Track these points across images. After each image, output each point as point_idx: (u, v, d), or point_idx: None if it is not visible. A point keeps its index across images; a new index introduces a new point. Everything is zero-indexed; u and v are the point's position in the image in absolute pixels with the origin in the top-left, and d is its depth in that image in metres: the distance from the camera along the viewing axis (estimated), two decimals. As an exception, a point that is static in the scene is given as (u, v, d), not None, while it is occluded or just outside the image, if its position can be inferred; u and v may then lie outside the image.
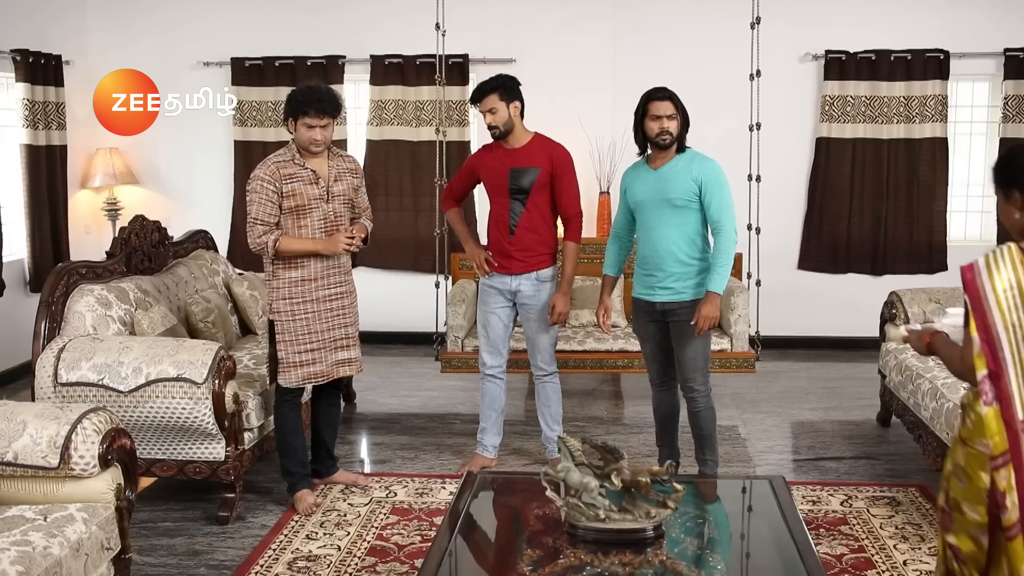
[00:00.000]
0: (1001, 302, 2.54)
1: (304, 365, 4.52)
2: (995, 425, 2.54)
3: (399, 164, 7.77)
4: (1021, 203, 2.64)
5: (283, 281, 4.47)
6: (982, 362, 2.54)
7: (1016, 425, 2.52)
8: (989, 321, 2.54)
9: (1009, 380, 2.53)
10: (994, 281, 2.55)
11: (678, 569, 2.95)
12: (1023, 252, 2.58)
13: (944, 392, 4.61)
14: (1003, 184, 2.70)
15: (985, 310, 2.54)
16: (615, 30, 7.58)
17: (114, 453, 3.36)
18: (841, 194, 7.55)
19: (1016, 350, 2.53)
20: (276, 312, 4.48)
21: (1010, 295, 2.54)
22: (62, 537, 3.04)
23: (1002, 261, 2.57)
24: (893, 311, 5.66)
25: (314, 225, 4.44)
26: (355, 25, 7.69)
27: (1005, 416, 2.53)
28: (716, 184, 4.47)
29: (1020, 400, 2.52)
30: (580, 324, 6.29)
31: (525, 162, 4.78)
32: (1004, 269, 2.56)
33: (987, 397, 2.54)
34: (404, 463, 5.32)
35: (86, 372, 4.32)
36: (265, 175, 4.38)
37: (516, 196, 4.80)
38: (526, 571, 2.94)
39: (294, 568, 4.02)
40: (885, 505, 4.62)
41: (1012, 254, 2.59)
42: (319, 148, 4.43)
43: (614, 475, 3.07)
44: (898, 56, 7.32)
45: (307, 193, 4.41)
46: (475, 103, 4.79)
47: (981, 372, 2.54)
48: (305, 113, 4.34)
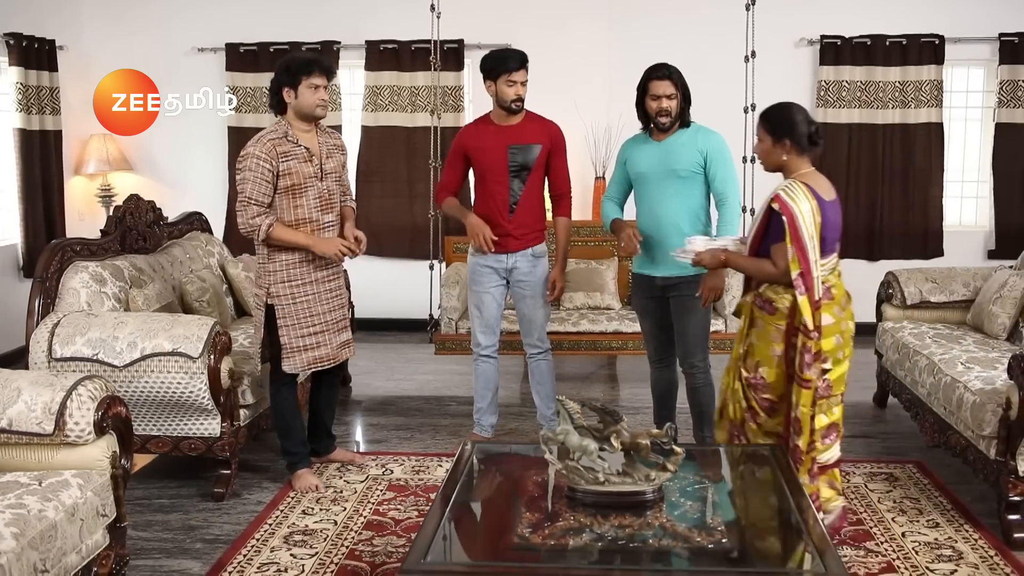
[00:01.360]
0: (806, 221, 3.54)
1: (309, 349, 4.44)
2: (808, 307, 3.58)
3: (394, 150, 7.74)
4: (788, 148, 3.67)
5: (280, 264, 4.35)
6: (796, 265, 3.56)
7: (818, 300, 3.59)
8: (801, 235, 3.53)
9: (813, 275, 3.56)
10: (800, 206, 3.55)
11: (678, 531, 2.93)
12: (805, 186, 3.61)
13: (941, 368, 4.60)
14: (773, 132, 3.69)
15: (798, 227, 3.53)
16: (611, 15, 7.57)
17: (109, 421, 3.33)
18: (837, 179, 7.47)
19: (814, 255, 3.56)
20: (275, 296, 4.37)
21: (808, 217, 3.54)
22: (57, 501, 3.01)
23: (797, 193, 3.58)
24: (890, 291, 5.66)
25: (310, 204, 4.36)
26: (350, 11, 7.67)
27: (811, 300, 3.57)
28: (721, 156, 4.46)
29: (816, 289, 3.58)
30: (574, 306, 6.29)
31: (524, 139, 4.74)
32: (801, 199, 3.56)
33: (801, 289, 3.57)
34: (400, 443, 5.30)
35: (80, 347, 4.30)
36: (261, 152, 4.22)
37: (516, 174, 4.76)
38: (525, 533, 2.92)
39: (290, 542, 4.00)
40: (883, 481, 4.61)
41: (801, 187, 3.60)
42: (324, 112, 4.36)
43: (613, 437, 3.06)
44: (893, 41, 7.33)
45: (302, 171, 4.31)
46: (512, 71, 4.60)
47: (796, 272, 3.56)
48: (311, 73, 4.25)
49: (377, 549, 3.91)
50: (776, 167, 3.76)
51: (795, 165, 3.70)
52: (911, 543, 3.93)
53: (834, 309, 3.68)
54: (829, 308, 3.67)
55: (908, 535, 4.00)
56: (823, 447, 3.74)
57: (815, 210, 3.58)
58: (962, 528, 4.07)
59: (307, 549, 3.92)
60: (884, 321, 5.66)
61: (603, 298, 6.31)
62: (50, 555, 2.91)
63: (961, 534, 4.01)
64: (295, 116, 4.35)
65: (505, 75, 4.62)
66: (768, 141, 3.72)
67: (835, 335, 3.69)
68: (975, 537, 3.98)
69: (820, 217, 3.59)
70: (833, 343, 3.69)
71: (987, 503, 4.25)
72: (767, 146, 3.73)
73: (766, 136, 3.73)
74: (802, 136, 3.67)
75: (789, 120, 3.68)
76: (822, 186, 3.70)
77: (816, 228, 3.57)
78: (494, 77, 4.67)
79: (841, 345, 3.73)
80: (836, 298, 3.71)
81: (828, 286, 3.68)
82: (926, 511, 4.24)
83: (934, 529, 4.06)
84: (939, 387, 4.56)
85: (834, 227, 3.72)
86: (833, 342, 3.69)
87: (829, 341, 3.67)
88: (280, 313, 4.38)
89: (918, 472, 4.71)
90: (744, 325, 3.85)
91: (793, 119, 3.68)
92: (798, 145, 3.67)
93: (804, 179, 3.66)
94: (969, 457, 4.27)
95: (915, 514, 4.22)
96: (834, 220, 3.71)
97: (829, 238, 3.67)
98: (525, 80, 4.67)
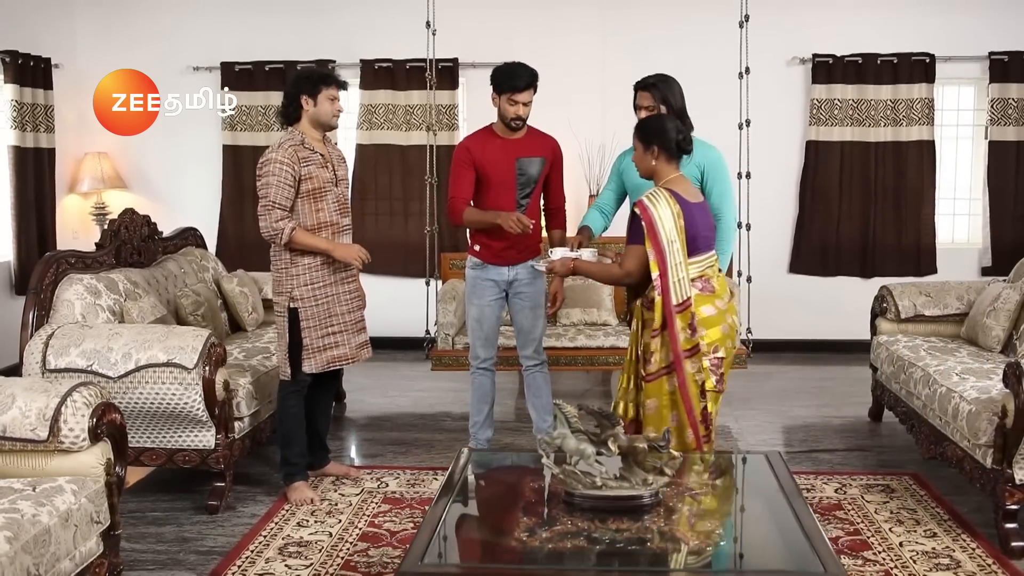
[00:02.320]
0: (665, 226, 3.77)
1: (327, 349, 4.52)
2: (660, 309, 3.81)
3: (389, 168, 7.76)
4: (656, 154, 3.91)
5: (303, 267, 4.43)
6: (655, 267, 3.79)
7: (670, 307, 3.81)
8: (660, 239, 3.78)
9: (668, 278, 3.78)
10: (660, 212, 3.78)
11: (677, 535, 2.91)
12: (670, 192, 3.84)
13: (936, 378, 4.61)
14: (643, 140, 3.94)
15: (657, 231, 3.77)
16: (604, 34, 7.62)
17: (104, 428, 3.31)
18: (830, 197, 7.59)
19: (672, 258, 3.79)
20: (298, 300, 4.43)
21: (668, 222, 3.77)
22: (51, 506, 2.99)
23: (659, 199, 3.82)
24: (884, 305, 5.68)
25: (330, 208, 4.47)
26: (345, 29, 7.71)
27: (664, 301, 3.80)
28: (718, 171, 4.45)
29: (673, 291, 3.79)
30: (571, 322, 6.28)
31: (529, 152, 4.75)
32: (662, 205, 3.80)
33: (659, 290, 3.81)
34: (395, 458, 5.28)
35: (75, 358, 4.28)
36: (283, 158, 4.32)
37: (524, 186, 4.77)
38: (522, 537, 2.91)
39: (285, 553, 3.97)
40: (879, 492, 4.60)
41: (664, 194, 3.83)
42: (338, 123, 4.55)
43: (611, 441, 3.05)
44: (884, 60, 7.39)
45: (321, 176, 4.43)
46: (518, 91, 4.57)
47: (656, 274, 3.80)
48: (329, 84, 4.41)
49: (373, 560, 3.89)
50: (648, 173, 4.00)
51: (664, 171, 3.93)
52: (909, 552, 3.92)
53: (716, 301, 3.92)
54: (711, 300, 3.90)
55: (905, 545, 3.99)
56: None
57: (677, 214, 3.80)
58: (959, 538, 4.06)
59: (302, 560, 3.89)
60: (879, 335, 5.67)
61: (600, 314, 6.31)
62: (44, 560, 2.88)
63: (959, 543, 4.00)
64: (310, 125, 4.45)
65: (509, 93, 4.61)
66: (640, 148, 3.97)
67: (720, 324, 3.91)
68: (972, 546, 3.97)
69: (683, 221, 3.81)
70: (720, 332, 3.91)
71: (984, 514, 4.25)
72: (639, 153, 3.98)
73: (639, 144, 3.98)
74: (671, 143, 3.90)
75: (659, 128, 3.93)
76: (689, 191, 3.95)
77: (680, 231, 3.80)
78: (499, 92, 4.67)
79: (726, 336, 3.94)
80: (717, 291, 3.95)
81: (707, 279, 3.92)
82: (923, 521, 4.23)
83: (931, 539, 4.05)
84: (934, 398, 4.56)
85: (704, 226, 3.96)
86: (720, 331, 3.91)
87: (716, 331, 3.89)
88: (303, 315, 4.45)
89: (914, 484, 4.70)
90: (636, 328, 4.02)
91: (663, 127, 3.94)
92: (666, 151, 3.91)
93: (670, 184, 3.90)
94: (965, 467, 4.27)
95: (912, 524, 4.21)
96: (702, 220, 3.95)
97: (702, 236, 3.91)
98: (529, 101, 4.63)
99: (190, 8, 7.81)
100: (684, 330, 3.82)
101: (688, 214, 3.85)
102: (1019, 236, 7.41)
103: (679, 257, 3.81)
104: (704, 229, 3.96)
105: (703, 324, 3.86)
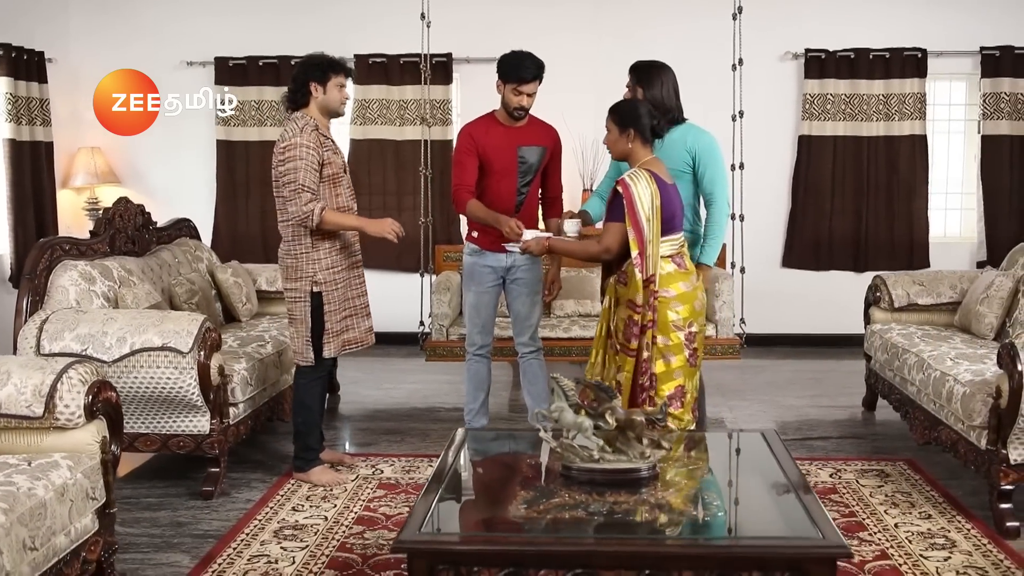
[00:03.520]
0: (644, 205, 3.91)
1: (341, 333, 4.54)
2: (639, 284, 3.91)
3: (383, 163, 7.76)
4: (632, 137, 4.02)
5: (324, 251, 4.44)
6: (635, 245, 3.92)
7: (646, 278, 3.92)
8: (639, 217, 3.90)
9: (647, 255, 3.91)
10: (640, 191, 3.91)
11: (674, 507, 2.92)
12: (648, 172, 3.96)
13: (931, 363, 4.63)
14: (620, 124, 4.05)
15: (637, 209, 3.90)
16: (598, 28, 7.64)
17: (100, 405, 3.31)
18: (823, 191, 7.61)
19: (650, 237, 3.92)
20: (322, 283, 4.43)
21: (647, 201, 3.91)
22: (47, 480, 2.98)
23: (640, 179, 3.94)
24: (877, 294, 5.69)
25: (345, 194, 4.52)
26: (339, 25, 7.71)
27: (644, 278, 3.91)
28: (710, 156, 4.48)
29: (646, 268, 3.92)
30: (565, 314, 6.29)
31: (531, 140, 4.77)
32: (641, 184, 3.92)
33: (639, 267, 3.91)
34: (390, 446, 5.27)
35: (69, 342, 4.26)
36: (308, 142, 4.31)
37: (525, 174, 4.78)
38: (520, 508, 2.90)
39: (280, 536, 3.96)
40: (874, 477, 4.61)
41: (644, 174, 3.95)
42: (344, 110, 4.57)
43: (608, 414, 3.05)
44: (877, 55, 7.42)
45: (336, 162, 4.47)
46: (526, 82, 4.58)
47: (635, 252, 3.92)
48: (338, 72, 4.42)
49: (368, 542, 3.88)
50: (622, 155, 4.14)
51: (639, 154, 4.06)
52: (904, 533, 3.92)
53: (691, 278, 4.11)
54: (686, 276, 4.08)
55: (901, 526, 4.00)
56: (675, 412, 3.98)
57: (655, 194, 3.94)
58: (954, 519, 4.07)
59: (297, 543, 3.89)
60: (872, 324, 5.68)
61: (594, 305, 6.32)
62: (39, 533, 2.87)
63: (954, 524, 4.01)
64: (319, 112, 4.45)
65: (515, 83, 4.61)
66: (615, 131, 4.09)
67: (694, 300, 4.08)
68: (968, 527, 3.98)
69: (660, 201, 3.95)
70: (695, 308, 4.08)
71: (978, 496, 4.26)
72: (614, 136, 4.10)
73: (614, 127, 4.10)
74: (646, 128, 4.03)
75: (635, 113, 4.06)
76: (664, 172, 4.07)
77: (656, 211, 3.93)
78: (505, 81, 4.67)
79: (699, 312, 4.12)
80: (689, 268, 4.13)
81: (682, 256, 4.11)
82: (918, 504, 4.24)
83: (926, 520, 4.06)
84: (928, 382, 4.57)
85: (680, 207, 4.13)
86: (695, 307, 4.08)
87: (690, 306, 4.05)
88: (327, 299, 4.46)
89: (909, 469, 4.72)
90: (609, 304, 4.14)
91: (638, 111, 4.06)
92: (642, 135, 4.03)
93: (647, 166, 4.02)
94: (960, 450, 4.28)
95: (907, 507, 4.22)
96: (678, 201, 4.12)
97: (678, 216, 4.10)
98: (534, 92, 4.65)
99: (184, 3, 7.81)
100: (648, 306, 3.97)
101: (665, 194, 3.99)
102: (1013, 230, 7.43)
103: (653, 235, 3.95)
104: (680, 209, 4.12)
105: (680, 300, 4.01)
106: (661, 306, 3.98)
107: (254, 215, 7.80)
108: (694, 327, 4.05)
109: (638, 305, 3.95)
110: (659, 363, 4.00)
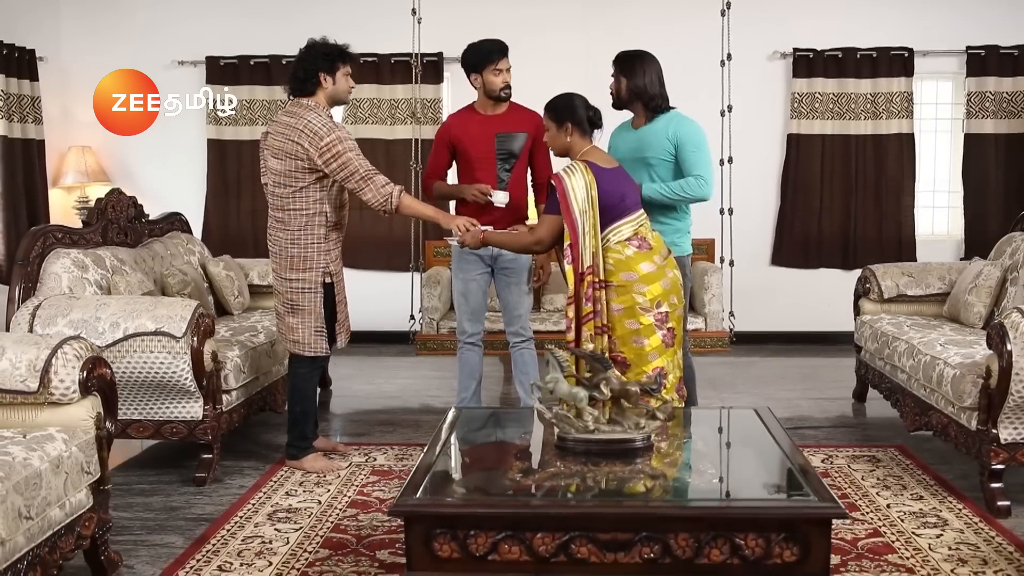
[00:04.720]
0: (578, 196, 3.94)
1: (344, 323, 4.64)
2: (572, 276, 3.96)
3: (373, 162, 7.65)
4: (570, 131, 4.07)
5: (334, 242, 4.48)
6: (568, 236, 3.95)
7: (582, 272, 3.95)
8: (572, 210, 3.94)
9: (580, 246, 3.93)
10: (573, 184, 3.95)
11: (669, 476, 2.93)
12: (585, 164, 4.00)
13: (920, 349, 4.66)
14: (556, 119, 4.09)
15: (570, 202, 3.94)
16: (588, 27, 7.68)
17: (95, 381, 3.30)
18: (811, 190, 7.66)
19: (583, 227, 3.94)
20: (333, 274, 4.48)
21: (581, 192, 3.94)
22: (42, 452, 2.97)
23: (575, 172, 3.98)
24: (867, 285, 5.73)
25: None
26: (329, 24, 7.57)
27: (575, 268, 3.95)
28: (692, 143, 4.50)
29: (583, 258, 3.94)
30: (555, 308, 6.31)
31: (511, 127, 4.79)
32: (577, 177, 3.96)
33: (569, 258, 3.96)
34: (383, 435, 5.27)
35: (62, 328, 4.25)
36: (344, 132, 4.33)
37: (504, 161, 4.81)
38: (516, 477, 2.91)
39: (274, 519, 3.96)
40: (865, 462, 4.63)
41: (580, 167, 3.99)
42: (350, 99, 4.66)
43: (603, 384, 3.07)
44: (864, 54, 7.49)
45: None
46: (500, 57, 4.68)
47: (567, 243, 3.95)
48: (346, 61, 4.43)
49: (363, 524, 3.88)
50: (563, 150, 4.17)
51: (578, 146, 4.10)
52: (896, 513, 3.95)
53: (654, 257, 4.05)
54: (649, 256, 4.03)
55: (893, 507, 4.02)
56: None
57: (591, 184, 3.95)
58: (946, 500, 4.09)
59: (291, 524, 3.88)
60: (862, 315, 5.72)
61: (583, 299, 6.34)
62: (35, 503, 2.86)
63: (945, 505, 4.04)
64: (326, 101, 4.44)
65: (491, 65, 4.68)
66: (553, 128, 4.13)
67: (661, 280, 4.02)
68: (959, 507, 4.00)
69: (596, 190, 3.96)
70: (662, 287, 4.01)
71: (969, 479, 4.29)
72: (553, 132, 4.14)
73: (551, 124, 4.13)
74: (582, 119, 4.07)
75: (569, 106, 4.09)
76: (602, 158, 4.11)
77: (592, 202, 3.95)
78: (479, 70, 4.72)
79: (669, 291, 4.04)
80: (654, 247, 4.08)
81: (642, 237, 4.06)
82: (910, 487, 4.27)
83: (918, 501, 4.09)
84: (919, 368, 4.61)
85: (629, 187, 4.14)
86: (662, 286, 4.01)
87: (657, 286, 4.00)
88: (338, 288, 4.52)
89: (900, 454, 4.74)
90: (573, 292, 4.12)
91: (572, 104, 4.09)
92: (580, 128, 4.08)
93: (586, 156, 4.07)
94: (950, 433, 4.31)
95: (899, 489, 4.24)
96: (625, 181, 4.13)
97: (629, 197, 4.09)
98: (509, 67, 4.74)
99: (175, 3, 7.83)
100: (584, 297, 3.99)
101: (607, 180, 4.00)
102: (996, 228, 7.48)
103: (589, 227, 3.96)
104: (629, 189, 4.12)
105: (643, 280, 3.99)
106: (623, 291, 3.99)
107: (245, 213, 7.80)
108: (663, 307, 4.01)
109: (569, 297, 4.02)
110: (630, 347, 3.98)
